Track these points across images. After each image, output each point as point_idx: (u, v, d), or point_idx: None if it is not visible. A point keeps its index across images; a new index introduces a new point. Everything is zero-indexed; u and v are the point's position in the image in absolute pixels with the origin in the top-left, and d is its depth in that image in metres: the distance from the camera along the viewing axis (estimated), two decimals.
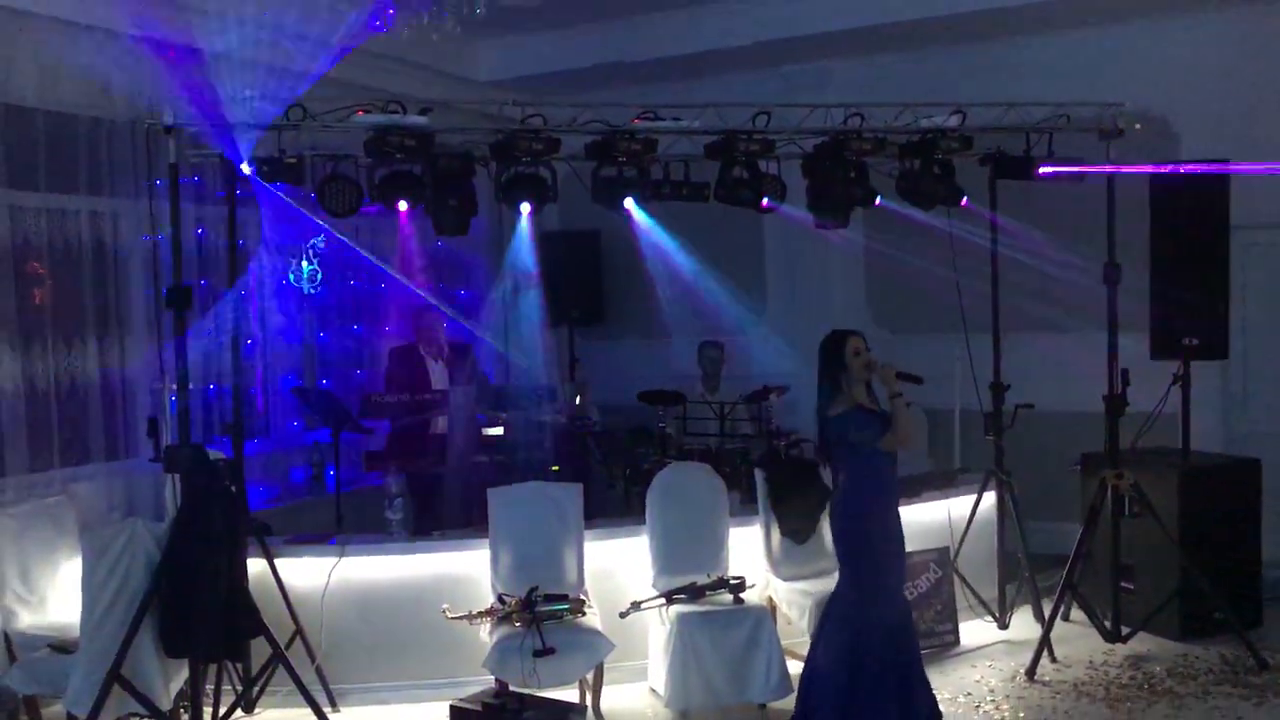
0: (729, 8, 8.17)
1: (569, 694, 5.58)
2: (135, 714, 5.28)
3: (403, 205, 5.79)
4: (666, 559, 6.10)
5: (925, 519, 6.84)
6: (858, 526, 4.95)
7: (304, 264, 7.94)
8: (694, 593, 5.85)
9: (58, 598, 5.91)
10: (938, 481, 7.10)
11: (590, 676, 5.63)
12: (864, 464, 4.93)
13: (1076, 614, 6.87)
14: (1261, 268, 7.78)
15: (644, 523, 6.19)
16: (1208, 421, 7.69)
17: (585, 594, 5.89)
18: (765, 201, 6.19)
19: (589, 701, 5.65)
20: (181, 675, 5.41)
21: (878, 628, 4.86)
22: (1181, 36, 7.79)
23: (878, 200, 6.46)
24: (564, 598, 5.65)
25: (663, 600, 5.84)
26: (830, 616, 5.06)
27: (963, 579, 6.91)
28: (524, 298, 8.20)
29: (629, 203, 6.10)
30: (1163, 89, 7.62)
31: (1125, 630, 6.54)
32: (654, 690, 5.93)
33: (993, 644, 6.73)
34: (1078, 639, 6.67)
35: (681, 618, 5.66)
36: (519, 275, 8.00)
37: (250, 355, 7.41)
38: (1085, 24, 7.87)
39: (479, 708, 5.18)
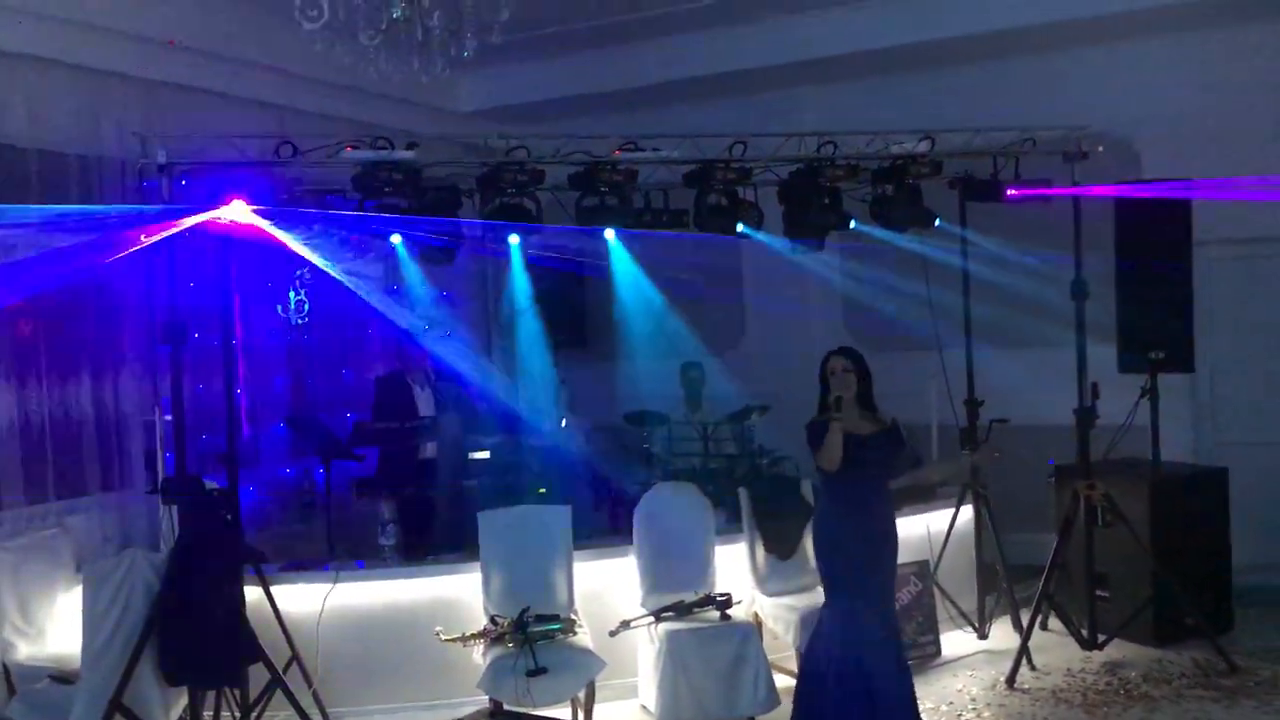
0: (703, 38, 8.37)
1: (562, 712, 5.69)
2: None
3: (395, 238, 5.93)
4: (654, 578, 6.25)
5: (904, 533, 6.81)
6: (830, 542, 5.13)
7: (291, 295, 8.06)
8: (681, 610, 6.00)
9: (56, 629, 6.02)
10: (915, 495, 7.25)
11: (582, 695, 5.76)
12: (829, 482, 5.11)
13: (1054, 623, 7.05)
14: (1227, 283, 8.00)
15: (631, 542, 6.34)
16: (1178, 432, 7.91)
17: (576, 614, 6.02)
18: (740, 228, 6.37)
19: (581, 718, 5.78)
20: (181, 702, 5.52)
21: (853, 639, 5.00)
22: (1142, 61, 8.04)
23: (851, 224, 6.65)
24: (555, 618, 5.79)
25: (651, 618, 5.99)
26: (815, 630, 5.23)
27: (943, 591, 7.08)
28: (521, 325, 8.37)
29: (609, 234, 6.26)
30: (1124, 111, 7.86)
31: (1101, 638, 6.72)
32: (644, 706, 6.07)
33: (973, 654, 6.90)
34: (1056, 647, 6.85)
35: (670, 635, 5.81)
36: (516, 304, 8.17)
37: (241, 388, 7.52)
38: (1050, 49, 8.10)
39: None
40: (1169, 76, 7.96)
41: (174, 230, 5.23)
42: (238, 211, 5.34)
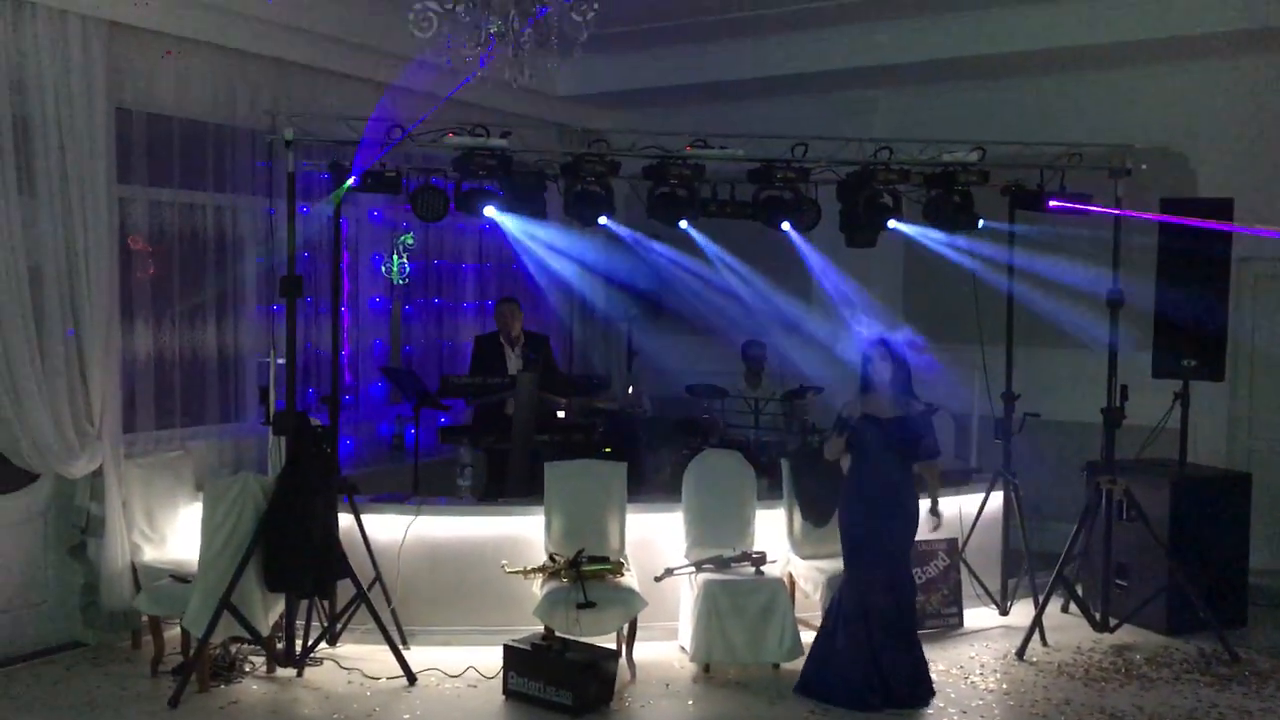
0: (783, 40, 8.90)
1: (607, 643, 6.39)
2: (239, 638, 6.21)
3: (489, 210, 6.65)
4: (698, 533, 6.93)
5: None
6: (846, 511, 5.76)
7: (394, 258, 8.88)
8: (720, 563, 6.66)
9: (176, 538, 6.93)
10: (951, 478, 7.79)
11: (625, 629, 6.47)
12: (853, 460, 5.73)
13: (1075, 609, 7.54)
14: (1269, 297, 8.32)
15: (680, 500, 7.02)
16: (1212, 437, 8.32)
17: (625, 558, 6.73)
18: (787, 226, 6.97)
19: (623, 650, 6.49)
20: (279, 608, 6.31)
21: (856, 595, 5.63)
22: (1199, 80, 8.38)
23: (894, 224, 7.18)
24: (606, 559, 6.50)
25: (693, 568, 6.66)
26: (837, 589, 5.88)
27: (969, 569, 7.61)
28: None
29: (683, 224, 6.91)
30: (1179, 129, 8.22)
31: (1114, 622, 7.20)
32: (682, 648, 6.75)
33: (992, 628, 7.43)
34: (1071, 628, 7.35)
35: (708, 584, 6.48)
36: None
37: (345, 339, 8.34)
38: (1108, 68, 8.48)
39: (529, 648, 6.02)
40: (1224, 96, 8.28)
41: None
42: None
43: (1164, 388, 7.39)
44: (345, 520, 6.56)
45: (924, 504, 6.18)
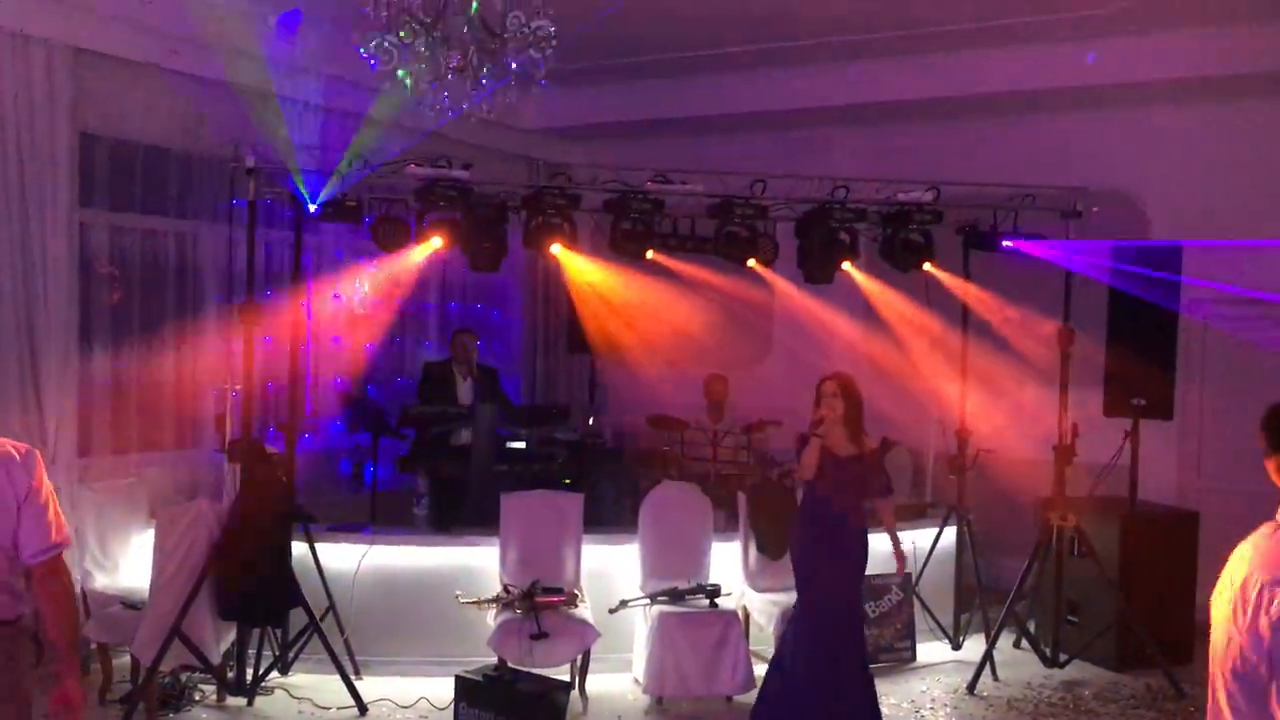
0: (743, 80, 9.05)
1: (560, 674, 6.38)
2: (189, 666, 6.16)
3: (436, 240, 6.71)
4: (654, 565, 6.95)
5: (891, 546, 7.61)
6: (803, 542, 5.79)
7: (356, 285, 8.89)
8: (675, 595, 6.68)
9: (128, 564, 6.87)
10: (905, 513, 7.87)
11: (579, 660, 6.48)
12: (808, 494, 5.78)
13: (1026, 644, 7.61)
14: (1215, 339, 8.48)
15: (636, 532, 7.05)
16: (1162, 476, 8.43)
17: (580, 589, 6.74)
18: (751, 262, 7.06)
19: (576, 682, 6.49)
20: (230, 636, 6.28)
21: (810, 629, 5.66)
22: (1151, 125, 8.59)
23: (851, 264, 7.30)
24: (560, 590, 6.51)
25: (647, 600, 6.69)
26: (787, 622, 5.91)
27: (923, 603, 7.68)
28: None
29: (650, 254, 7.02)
30: (1134, 172, 8.41)
31: (1064, 658, 7.28)
32: (636, 680, 6.76)
33: (945, 662, 7.49)
34: (1022, 664, 7.42)
35: (662, 616, 6.50)
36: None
37: (304, 364, 8.33)
38: (1084, 108, 8.69)
39: (481, 679, 5.98)
40: (1176, 141, 8.49)
41: None
42: None
43: (1115, 426, 7.51)
44: (300, 549, 6.56)
45: (883, 541, 6.17)
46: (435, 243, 6.82)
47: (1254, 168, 8.22)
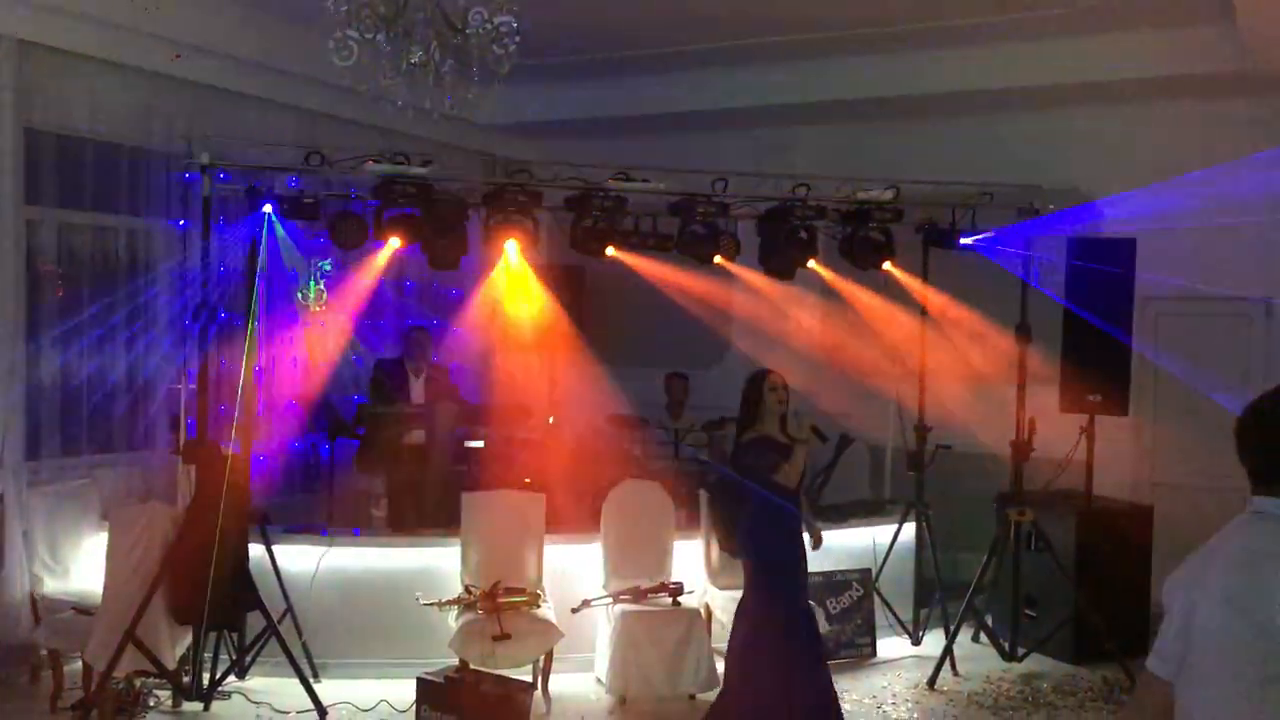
0: (705, 76, 9.04)
1: (522, 675, 6.37)
2: (144, 671, 6.03)
3: (395, 241, 6.62)
4: (616, 564, 6.93)
5: (852, 543, 7.68)
6: (761, 541, 5.75)
7: (312, 284, 8.77)
8: (637, 595, 6.67)
9: (80, 568, 6.73)
10: (865, 509, 7.93)
11: (541, 661, 6.44)
12: (770, 488, 5.75)
13: (985, 638, 7.67)
14: (1171, 335, 8.61)
15: (599, 531, 7.01)
16: (1117, 471, 8.53)
17: (542, 590, 6.70)
18: (716, 258, 7.05)
19: (539, 683, 6.45)
20: (185, 640, 6.16)
21: (770, 627, 5.64)
22: (1106, 123, 8.69)
23: (815, 261, 7.31)
24: (522, 591, 6.47)
25: (610, 599, 6.66)
26: (736, 617, 5.87)
27: (883, 599, 7.72)
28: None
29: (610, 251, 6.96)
30: (1089, 170, 8.51)
31: (1022, 651, 7.35)
32: (599, 680, 6.73)
33: (905, 657, 7.54)
34: (981, 658, 7.48)
35: (625, 615, 6.48)
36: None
37: (259, 365, 8.20)
38: (1040, 107, 8.76)
39: (442, 680, 5.95)
40: (1128, 138, 8.60)
41: None
42: None
43: (1072, 422, 7.59)
44: (256, 551, 6.46)
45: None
46: (394, 243, 6.70)
47: (1202, 165, 8.33)
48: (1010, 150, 8.64)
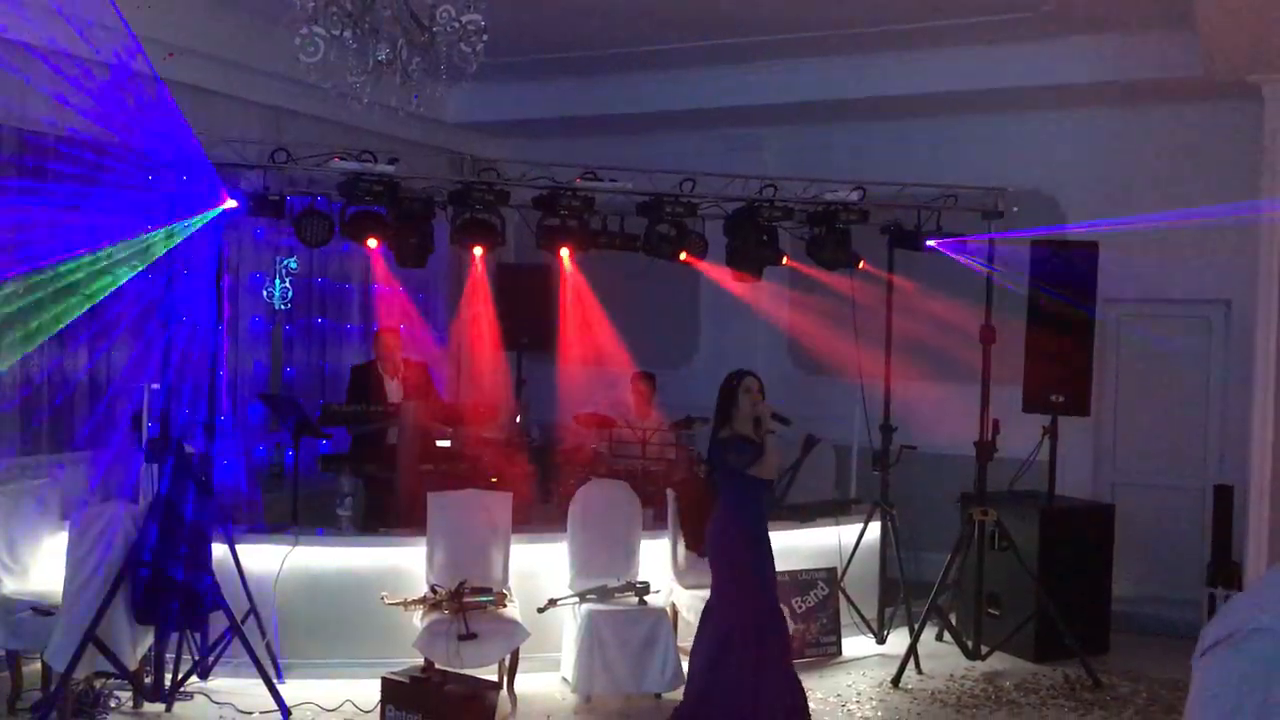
0: (679, 75, 9.06)
1: (488, 674, 6.35)
2: (105, 672, 5.97)
3: (371, 242, 6.59)
4: (583, 563, 6.92)
5: (817, 542, 7.72)
6: (730, 540, 5.79)
7: (276, 281, 8.71)
8: (604, 594, 6.67)
9: (39, 568, 6.62)
10: (830, 509, 7.96)
11: (507, 661, 6.43)
12: (740, 487, 5.78)
13: (949, 636, 7.74)
14: (1131, 337, 8.72)
15: (565, 530, 7.01)
16: (1079, 471, 8.65)
17: (508, 589, 6.68)
18: (683, 255, 7.06)
19: (505, 682, 6.44)
20: (147, 641, 6.09)
21: (738, 626, 5.67)
22: (1069, 127, 8.81)
23: (784, 260, 7.35)
24: (488, 591, 6.45)
25: (576, 599, 6.66)
26: (703, 617, 5.89)
27: (848, 598, 7.76)
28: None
29: (563, 254, 6.94)
30: (1052, 172, 8.61)
31: (985, 650, 7.41)
32: (565, 679, 6.73)
33: (870, 656, 7.58)
34: (945, 656, 7.54)
35: (591, 614, 6.48)
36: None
37: (223, 365, 8.14)
38: (1004, 110, 8.85)
39: (408, 680, 5.93)
40: (1091, 143, 8.71)
41: None
42: None
43: (1035, 422, 7.67)
44: (220, 550, 6.39)
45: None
46: (370, 244, 6.67)
47: (1157, 167, 8.47)
48: (975, 153, 8.74)
